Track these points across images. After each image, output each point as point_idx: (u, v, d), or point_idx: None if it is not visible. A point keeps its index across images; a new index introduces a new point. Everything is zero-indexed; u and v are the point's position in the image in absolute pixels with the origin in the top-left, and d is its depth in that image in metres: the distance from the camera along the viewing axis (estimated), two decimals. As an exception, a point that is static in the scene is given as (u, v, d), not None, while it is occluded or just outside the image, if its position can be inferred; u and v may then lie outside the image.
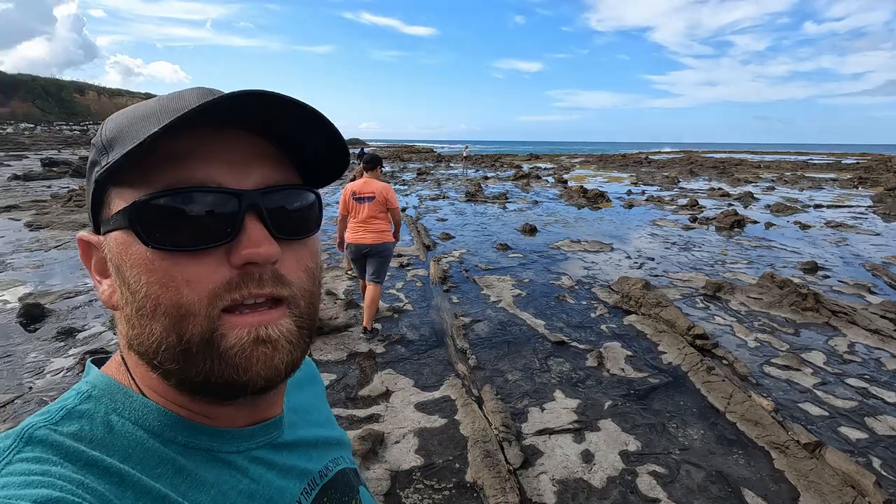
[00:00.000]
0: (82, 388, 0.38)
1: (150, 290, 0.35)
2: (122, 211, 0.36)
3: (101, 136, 0.39)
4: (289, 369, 0.39)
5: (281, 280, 0.38)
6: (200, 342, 0.35)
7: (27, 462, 0.31)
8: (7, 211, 10.34)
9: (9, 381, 3.41)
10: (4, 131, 53.36)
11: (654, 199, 14.01)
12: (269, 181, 0.39)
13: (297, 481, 0.45)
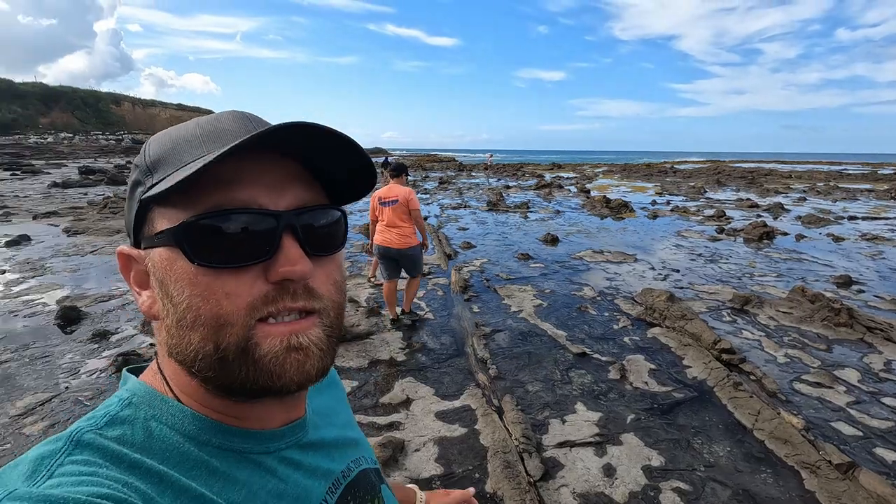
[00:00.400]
0: (123, 396, 0.42)
1: (191, 303, 0.38)
2: (168, 230, 0.39)
3: (145, 157, 0.42)
4: (319, 375, 0.41)
5: (312, 294, 0.41)
6: (236, 350, 0.38)
7: (77, 464, 0.33)
8: (47, 217, 10.80)
9: (46, 380, 3.55)
10: (45, 140, 55.81)
11: (679, 209, 13.77)
12: (301, 202, 0.42)
13: (322, 481, 0.48)
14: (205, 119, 0.44)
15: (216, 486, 0.38)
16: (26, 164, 27.18)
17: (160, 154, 0.41)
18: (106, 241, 8.47)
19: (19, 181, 19.66)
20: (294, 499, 0.43)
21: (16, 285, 5.85)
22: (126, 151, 45.21)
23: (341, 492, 0.49)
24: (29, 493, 0.30)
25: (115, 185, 18.19)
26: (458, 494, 0.85)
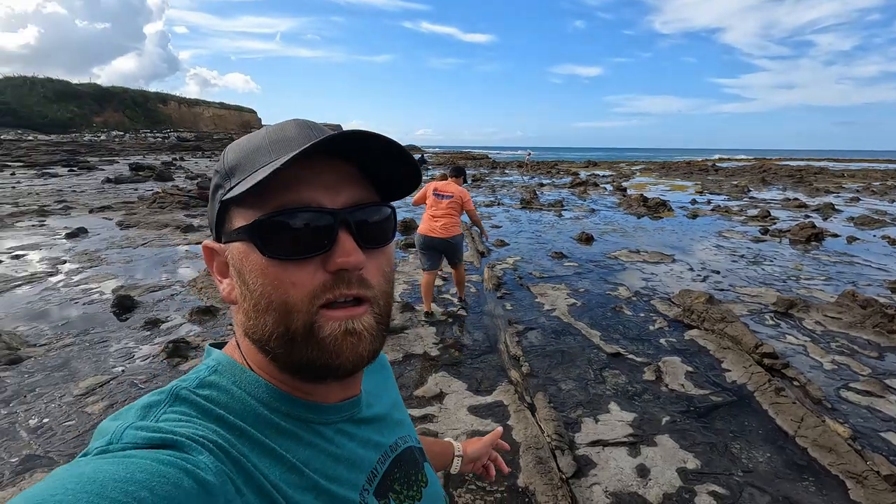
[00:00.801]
0: (210, 364, 0.49)
1: (264, 291, 0.44)
2: (243, 228, 0.45)
3: (224, 164, 0.49)
4: (371, 357, 0.47)
5: (364, 283, 0.46)
6: (303, 332, 0.44)
7: (176, 413, 0.41)
8: (101, 211, 11.44)
9: (105, 363, 3.80)
10: (99, 138, 58.88)
11: (720, 208, 13.31)
12: (355, 200, 0.48)
13: (374, 452, 0.54)
14: (272, 128, 0.50)
15: (284, 444, 0.45)
16: (82, 160, 28.79)
17: (236, 161, 0.48)
18: (155, 234, 8.91)
19: (76, 177, 20.85)
20: (349, 464, 0.49)
21: (75, 275, 6.25)
22: (172, 149, 47.20)
23: (390, 463, 0.55)
24: (146, 426, 0.38)
25: (162, 181, 19.04)
26: (488, 437, 0.96)
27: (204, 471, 0.35)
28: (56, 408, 3.16)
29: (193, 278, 6.07)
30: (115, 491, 0.30)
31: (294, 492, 0.42)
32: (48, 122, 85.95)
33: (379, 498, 0.51)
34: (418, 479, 0.59)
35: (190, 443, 0.37)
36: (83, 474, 0.31)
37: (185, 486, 0.33)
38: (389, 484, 0.54)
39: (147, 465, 0.33)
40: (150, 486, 0.31)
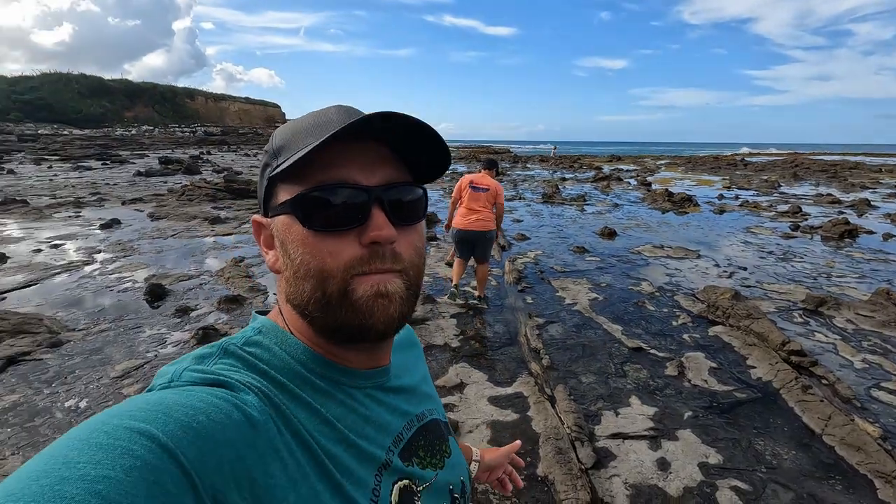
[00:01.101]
0: (256, 326, 0.54)
1: (303, 259, 0.48)
2: (286, 202, 0.49)
3: (272, 145, 0.53)
4: (401, 318, 0.50)
5: (396, 257, 0.50)
6: (338, 296, 0.48)
7: (225, 364, 0.46)
8: (133, 203, 11.81)
9: (139, 348, 3.96)
10: (130, 132, 60.60)
11: (749, 204, 12.98)
12: (389, 179, 0.51)
13: (400, 418, 0.58)
14: (316, 112, 0.54)
15: (319, 400, 0.49)
16: (114, 154, 29.70)
17: (282, 142, 0.52)
18: (184, 225, 9.17)
19: (109, 170, 21.55)
20: (377, 426, 0.53)
21: (110, 264, 6.50)
22: (199, 143, 48.23)
23: (415, 431, 0.59)
24: (201, 369, 0.44)
25: (190, 174, 19.52)
26: (506, 449, 0.98)
27: (250, 408, 0.41)
28: (94, 389, 3.32)
29: (221, 268, 6.24)
30: (178, 412, 0.35)
31: (326, 441, 0.46)
32: (82, 116, 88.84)
33: (404, 460, 0.54)
34: (442, 449, 0.62)
35: (239, 384, 0.43)
36: (151, 399, 0.37)
37: (234, 417, 0.38)
38: (414, 449, 0.57)
39: (204, 396, 0.39)
40: (206, 413, 0.37)
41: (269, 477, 0.38)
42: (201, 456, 0.34)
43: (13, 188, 13.95)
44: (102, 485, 0.28)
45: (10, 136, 40.72)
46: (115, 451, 0.30)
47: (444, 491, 0.58)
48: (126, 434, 0.32)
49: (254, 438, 0.39)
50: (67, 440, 0.32)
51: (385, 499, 0.49)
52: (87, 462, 0.29)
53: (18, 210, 10.26)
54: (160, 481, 0.30)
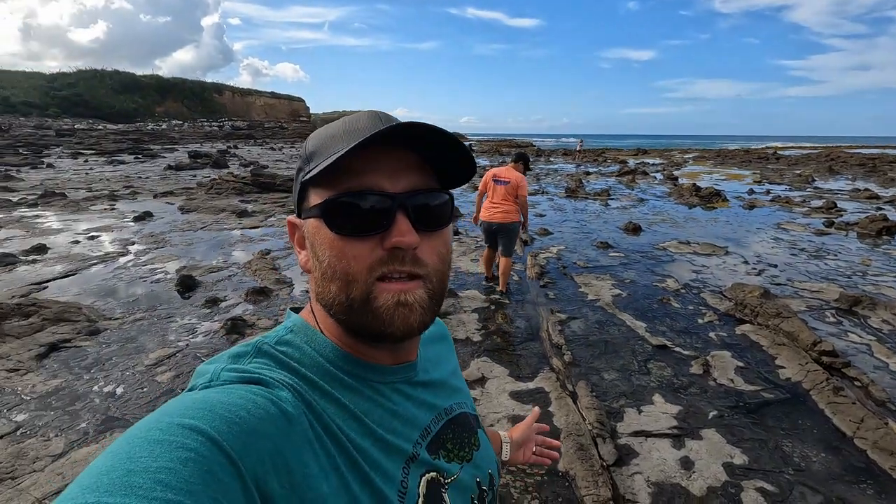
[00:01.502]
0: (288, 325, 0.56)
1: (330, 261, 0.50)
2: (316, 206, 0.52)
3: (305, 150, 0.55)
4: (420, 327, 0.52)
5: (418, 262, 0.51)
6: (360, 301, 0.50)
7: (258, 363, 0.49)
8: (165, 196, 12.16)
9: (171, 337, 4.11)
10: (161, 127, 62.25)
11: (780, 199, 12.58)
12: (414, 185, 0.52)
13: (428, 412, 0.59)
14: (348, 119, 0.56)
15: (347, 396, 0.51)
16: (146, 148, 30.58)
17: (315, 147, 0.54)
18: (213, 218, 9.41)
19: (141, 164, 22.21)
20: (404, 420, 0.55)
21: (143, 255, 6.73)
22: (226, 137, 49.25)
23: (443, 424, 0.60)
24: (238, 368, 0.47)
25: (218, 168, 19.96)
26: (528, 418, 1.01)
27: (285, 403, 0.44)
28: (130, 376, 3.46)
29: (248, 261, 6.40)
30: (221, 409, 0.39)
31: (355, 435, 0.49)
32: (116, 112, 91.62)
33: (431, 453, 0.56)
34: (471, 442, 0.63)
35: (274, 381, 0.46)
36: (196, 399, 0.40)
37: (271, 412, 0.41)
38: (442, 442, 0.59)
39: (243, 393, 0.42)
40: (246, 408, 0.40)
41: (304, 466, 0.41)
42: (244, 447, 0.37)
43: (52, 181, 14.53)
44: (164, 474, 0.32)
45: (49, 131, 42.31)
46: (171, 445, 0.34)
47: (471, 483, 0.60)
48: (179, 430, 0.35)
49: (289, 431, 0.42)
50: (128, 438, 0.35)
51: (413, 491, 0.51)
52: (148, 456, 0.33)
53: (58, 203, 10.69)
54: (212, 470, 0.34)
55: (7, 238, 7.56)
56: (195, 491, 0.32)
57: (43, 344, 3.85)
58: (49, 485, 2.38)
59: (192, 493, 0.32)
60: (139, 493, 0.30)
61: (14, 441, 2.72)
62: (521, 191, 4.94)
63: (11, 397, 3.17)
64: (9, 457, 2.57)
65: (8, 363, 3.56)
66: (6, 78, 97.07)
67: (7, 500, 2.27)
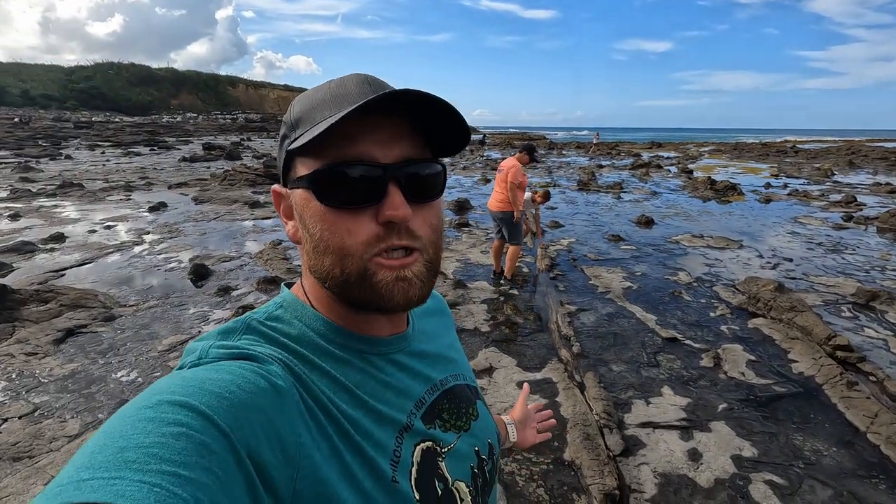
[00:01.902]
0: (278, 301, 0.56)
1: (322, 235, 0.49)
2: (305, 176, 0.50)
3: (290, 116, 0.53)
4: (420, 300, 0.52)
5: (412, 234, 0.50)
6: (357, 276, 0.49)
7: (248, 340, 0.48)
8: (179, 187, 12.31)
9: (184, 324, 4.18)
10: (175, 120, 62.89)
11: (798, 193, 12.34)
12: (406, 155, 0.50)
13: (422, 383, 0.59)
14: (334, 82, 0.53)
15: (338, 368, 0.51)
16: (161, 140, 30.95)
17: (300, 114, 0.52)
18: (226, 209, 9.51)
19: (156, 155, 22.49)
20: (397, 391, 0.55)
21: (158, 244, 6.83)
22: (240, 129, 49.58)
23: (437, 395, 0.60)
24: (227, 344, 0.46)
25: (231, 160, 20.13)
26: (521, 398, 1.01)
27: (275, 377, 0.43)
28: (144, 361, 3.53)
29: (260, 251, 6.46)
30: (210, 385, 0.39)
31: (346, 406, 0.48)
32: (132, 104, 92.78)
33: (426, 423, 0.56)
34: (468, 412, 0.63)
35: (264, 356, 0.45)
36: (186, 377, 0.40)
37: (261, 385, 0.41)
38: (437, 412, 0.58)
39: (233, 369, 0.42)
40: (236, 384, 0.40)
41: (297, 436, 0.42)
42: (236, 421, 0.37)
43: (70, 172, 14.79)
44: (157, 448, 0.32)
45: (68, 123, 43.00)
46: (163, 422, 0.34)
47: (469, 453, 0.59)
48: (169, 407, 0.36)
49: (280, 404, 0.42)
50: (119, 418, 0.35)
51: (406, 459, 0.50)
52: (140, 433, 0.33)
53: (75, 193, 10.89)
54: (205, 443, 0.34)
55: (27, 227, 7.73)
56: (189, 463, 0.32)
57: (60, 329, 3.94)
58: (65, 464, 2.44)
59: (186, 465, 0.32)
60: (133, 467, 0.31)
61: (32, 422, 2.80)
62: (512, 177, 4.93)
63: (30, 380, 3.26)
64: (27, 437, 2.64)
65: (27, 347, 3.65)
66: (26, 71, 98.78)
67: (25, 478, 2.34)
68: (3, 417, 2.83)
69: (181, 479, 0.31)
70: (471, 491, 0.56)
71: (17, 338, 3.79)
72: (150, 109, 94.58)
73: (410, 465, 0.50)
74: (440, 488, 0.52)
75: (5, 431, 2.70)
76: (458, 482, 0.55)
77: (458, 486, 0.55)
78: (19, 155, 20.04)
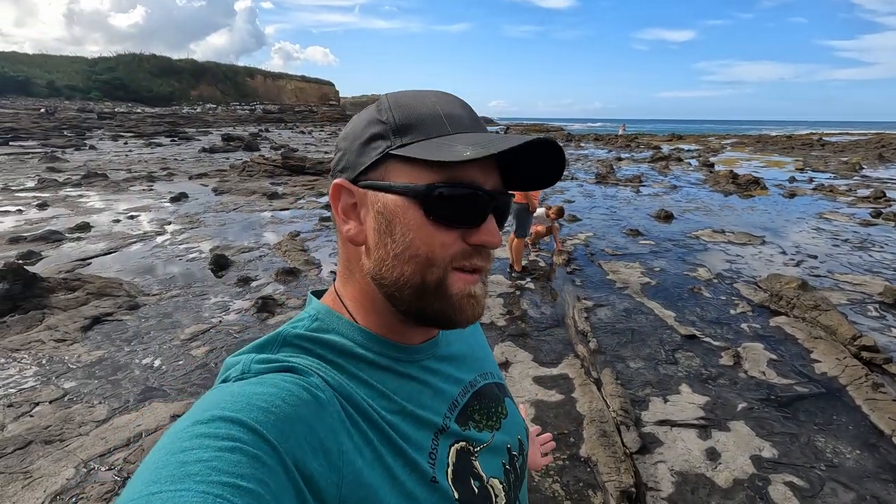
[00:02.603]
0: (312, 313, 0.57)
1: (413, 244, 0.50)
2: (411, 186, 0.50)
3: (392, 117, 0.52)
4: (480, 317, 0.55)
5: (489, 258, 0.54)
6: (435, 286, 0.51)
7: (286, 352, 0.50)
8: (199, 178, 12.50)
9: (205, 314, 4.26)
10: (195, 111, 63.71)
11: (824, 188, 12.01)
12: (499, 186, 0.54)
13: (455, 385, 0.61)
14: (439, 98, 0.54)
15: (375, 376, 0.52)
16: (181, 131, 31.44)
17: (408, 120, 0.52)
18: (245, 200, 9.63)
19: (176, 146, 22.85)
20: (432, 394, 0.57)
21: (179, 234, 6.96)
22: (258, 120, 50.05)
23: (470, 396, 0.62)
24: (268, 358, 0.48)
25: (249, 151, 20.36)
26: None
27: (317, 389, 0.45)
28: (167, 349, 3.62)
29: (278, 242, 6.54)
30: (257, 400, 0.41)
31: (385, 412, 0.50)
32: (153, 95, 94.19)
33: (460, 424, 0.57)
34: (498, 411, 0.65)
35: (304, 368, 0.47)
36: (234, 392, 0.42)
37: (304, 398, 0.43)
38: (470, 414, 0.60)
39: (277, 382, 0.44)
40: (280, 397, 0.42)
41: (339, 445, 0.43)
42: (282, 434, 0.39)
43: (94, 162, 15.12)
44: (216, 461, 0.35)
45: (91, 114, 43.87)
46: (217, 437, 0.37)
47: (501, 449, 0.61)
48: (222, 423, 0.38)
49: (322, 414, 0.43)
50: (176, 434, 0.38)
51: (442, 460, 0.52)
52: (198, 448, 0.36)
53: (99, 183, 11.14)
54: (257, 456, 0.36)
55: (54, 216, 7.94)
56: (245, 475, 0.35)
57: (87, 317, 4.06)
58: (94, 447, 2.53)
59: (243, 477, 0.34)
60: (196, 479, 0.33)
61: (62, 406, 2.90)
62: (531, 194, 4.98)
63: (59, 366, 3.36)
64: (57, 420, 2.74)
65: (56, 334, 3.77)
66: (51, 62, 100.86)
67: (57, 461, 2.43)
68: (35, 402, 2.94)
69: (240, 490, 0.33)
70: (504, 487, 0.58)
71: (47, 324, 3.92)
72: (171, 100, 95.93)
73: (447, 466, 0.52)
74: (476, 486, 0.54)
75: (37, 415, 2.80)
76: (493, 479, 0.57)
77: (492, 482, 0.56)
78: (46, 145, 20.55)
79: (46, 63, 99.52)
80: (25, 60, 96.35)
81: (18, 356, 3.46)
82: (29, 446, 2.53)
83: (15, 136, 23.38)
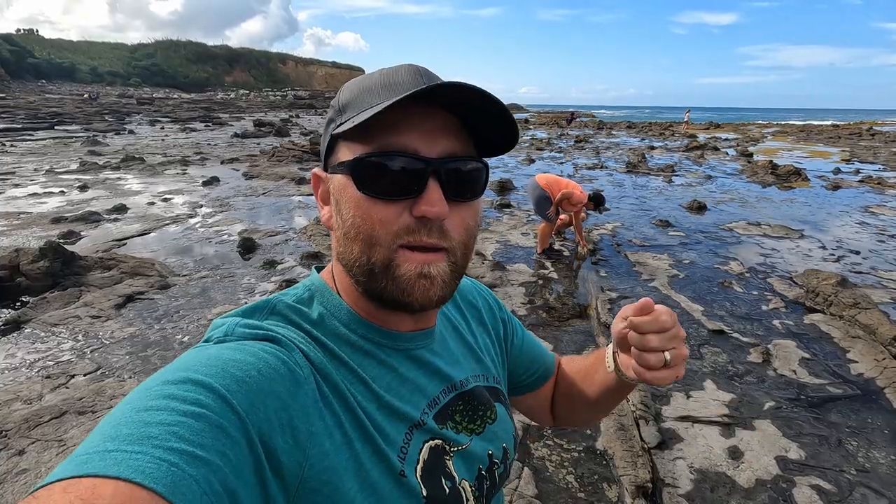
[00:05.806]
0: (307, 284, 0.56)
1: (354, 221, 0.48)
2: (346, 162, 0.49)
3: (338, 100, 0.52)
4: (439, 301, 0.50)
5: (444, 234, 0.49)
6: (381, 266, 0.48)
7: (272, 321, 0.49)
8: (230, 163, 12.78)
9: (232, 295, 4.37)
10: (229, 96, 65.02)
11: (871, 180, 11.37)
12: (450, 151, 0.49)
13: (439, 383, 0.58)
14: (386, 70, 0.52)
15: (357, 359, 0.51)
16: (215, 117, 32.15)
17: (349, 99, 0.51)
18: (274, 185, 9.80)
19: (210, 132, 23.40)
20: (413, 388, 0.54)
21: (210, 217, 7.15)
22: (290, 106, 50.74)
23: (452, 396, 0.58)
24: (253, 324, 0.47)
25: (280, 136, 20.66)
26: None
27: (295, 365, 0.44)
28: (195, 328, 3.73)
29: (305, 226, 6.64)
30: (233, 367, 0.40)
31: (361, 399, 0.49)
32: (189, 81, 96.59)
33: (438, 423, 0.55)
34: (486, 415, 0.61)
35: (286, 340, 0.46)
36: (211, 355, 0.41)
37: (281, 371, 0.42)
38: (450, 414, 0.57)
39: (256, 352, 0.43)
40: (257, 367, 0.41)
41: (309, 425, 0.42)
42: (252, 405, 0.38)
43: (133, 146, 15.65)
44: (177, 427, 0.34)
45: (131, 99, 45.37)
46: (185, 400, 0.36)
47: (481, 455, 0.58)
48: (192, 387, 0.37)
49: (296, 391, 0.42)
50: (146, 390, 0.37)
51: (413, 456, 0.50)
52: (163, 409, 0.35)
53: (137, 166, 11.52)
54: (221, 425, 0.36)
55: (94, 198, 8.27)
56: (205, 444, 0.34)
57: (121, 295, 4.22)
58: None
59: (202, 446, 0.33)
60: (154, 442, 0.32)
61: (95, 379, 3.03)
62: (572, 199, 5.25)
63: (94, 341, 3.52)
64: (91, 393, 2.87)
65: (91, 310, 3.94)
66: (94, 49, 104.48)
67: (88, 431, 2.53)
68: (71, 374, 3.08)
69: (197, 460, 0.33)
70: (474, 492, 0.55)
71: (84, 301, 4.09)
72: (206, 86, 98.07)
73: (416, 462, 0.50)
74: (447, 486, 0.52)
75: (72, 387, 2.94)
76: (464, 481, 0.54)
77: (464, 485, 0.54)
78: (88, 129, 21.37)
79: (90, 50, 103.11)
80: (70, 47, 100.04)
81: (57, 330, 3.64)
82: (63, 416, 2.66)
83: (60, 121, 24.40)
